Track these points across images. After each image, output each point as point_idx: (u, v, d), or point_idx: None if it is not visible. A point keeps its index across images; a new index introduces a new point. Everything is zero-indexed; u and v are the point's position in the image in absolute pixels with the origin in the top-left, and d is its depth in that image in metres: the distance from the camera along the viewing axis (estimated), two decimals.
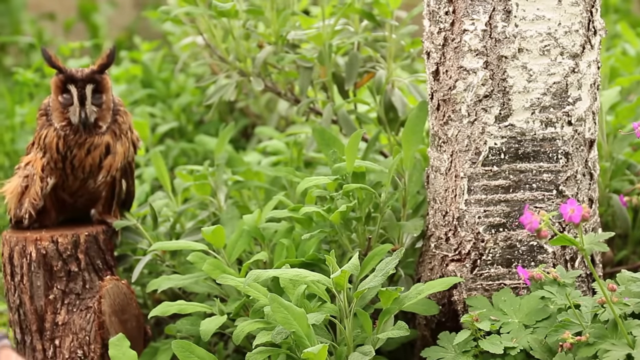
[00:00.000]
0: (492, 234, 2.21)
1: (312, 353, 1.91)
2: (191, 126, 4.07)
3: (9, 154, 4.18)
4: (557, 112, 2.17)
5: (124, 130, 2.52)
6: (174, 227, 2.79)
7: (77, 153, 2.47)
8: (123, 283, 2.47)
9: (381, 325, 2.12)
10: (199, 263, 2.38)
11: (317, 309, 2.13)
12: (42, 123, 2.52)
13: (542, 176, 2.18)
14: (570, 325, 1.94)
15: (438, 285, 2.14)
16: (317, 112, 2.86)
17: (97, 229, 2.53)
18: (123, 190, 2.62)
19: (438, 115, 2.26)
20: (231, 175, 2.88)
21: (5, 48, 6.79)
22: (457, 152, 2.22)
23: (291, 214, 2.40)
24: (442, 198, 2.28)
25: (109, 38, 6.34)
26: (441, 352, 2.12)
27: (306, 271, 2.08)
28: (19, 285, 2.46)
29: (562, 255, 2.22)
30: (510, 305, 2.12)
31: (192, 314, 2.44)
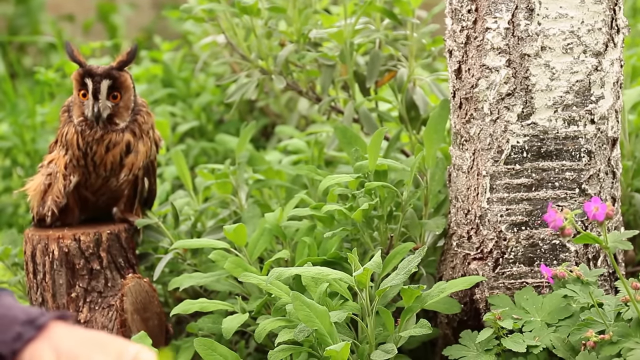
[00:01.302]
0: (514, 232, 2.20)
1: (334, 351, 1.91)
2: (211, 125, 4.07)
3: (29, 154, 4.19)
4: (580, 110, 2.17)
5: (144, 130, 2.53)
6: (195, 225, 2.79)
7: (96, 150, 2.48)
8: (145, 281, 2.47)
9: (403, 324, 2.11)
10: (221, 261, 2.38)
11: (339, 307, 2.13)
12: (64, 120, 2.53)
13: (564, 174, 2.18)
14: (593, 324, 1.94)
15: (460, 284, 2.14)
16: (338, 111, 2.86)
17: (119, 227, 2.53)
18: (145, 188, 2.63)
19: (460, 114, 2.26)
20: (252, 174, 2.88)
21: (25, 48, 6.82)
22: (479, 150, 2.22)
23: (313, 212, 2.40)
24: (464, 196, 2.28)
25: (128, 39, 6.35)
26: (463, 350, 2.12)
27: (328, 269, 2.08)
28: (42, 283, 2.47)
29: (585, 254, 2.21)
30: (533, 303, 2.12)
31: (214, 312, 2.44)
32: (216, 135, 3.72)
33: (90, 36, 6.36)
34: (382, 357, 2.02)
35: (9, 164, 4.26)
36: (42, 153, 3.95)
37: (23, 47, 6.79)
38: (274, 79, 2.81)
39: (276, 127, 3.74)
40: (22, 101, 4.69)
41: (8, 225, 3.91)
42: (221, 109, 4.10)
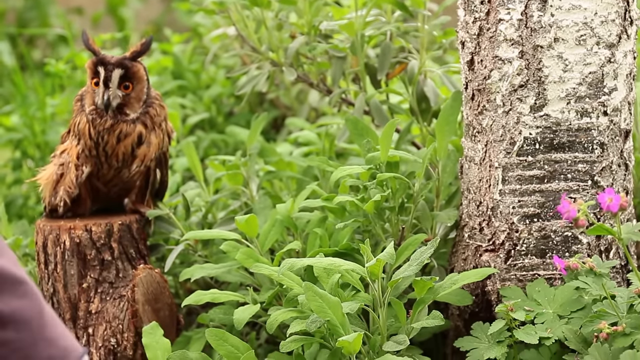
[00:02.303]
0: (526, 224, 2.20)
1: (347, 342, 1.91)
2: (221, 118, 4.07)
3: (39, 146, 4.20)
4: (593, 102, 2.16)
5: (156, 122, 2.53)
6: (205, 217, 2.79)
7: (108, 140, 2.48)
8: (156, 272, 2.48)
9: (415, 315, 2.11)
10: (232, 252, 2.38)
11: (351, 298, 2.13)
12: (77, 109, 2.53)
13: (577, 166, 2.17)
14: (605, 316, 1.94)
15: (473, 276, 2.14)
16: (349, 103, 2.86)
17: (130, 218, 2.53)
18: (157, 180, 2.63)
19: (472, 105, 2.26)
20: (263, 165, 2.88)
21: (34, 42, 6.83)
22: (491, 142, 2.22)
23: (324, 203, 2.40)
24: (476, 188, 2.27)
25: (137, 32, 6.36)
26: (475, 342, 2.12)
27: (340, 260, 2.08)
28: (53, 273, 2.47)
29: (597, 246, 2.21)
30: (545, 295, 2.11)
31: (225, 303, 2.45)
32: (226, 127, 3.72)
33: (99, 29, 6.37)
34: (394, 349, 2.01)
35: (19, 156, 4.27)
36: (52, 145, 3.95)
37: (32, 40, 6.80)
38: (284, 71, 2.81)
39: (286, 120, 3.74)
40: (32, 93, 4.69)
41: (18, 217, 3.91)
42: (231, 101, 4.10)
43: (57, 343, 1.39)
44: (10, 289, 1.36)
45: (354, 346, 1.92)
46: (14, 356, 1.35)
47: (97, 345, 2.43)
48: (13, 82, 4.93)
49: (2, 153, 4.87)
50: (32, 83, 4.83)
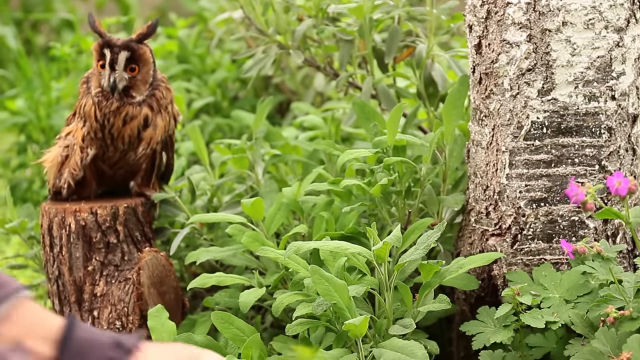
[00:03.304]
0: (533, 208, 2.19)
1: (353, 325, 1.90)
2: (226, 102, 4.07)
3: (44, 130, 4.19)
4: (601, 86, 2.15)
5: (163, 105, 2.52)
6: (211, 200, 2.79)
7: (114, 122, 2.47)
8: (162, 255, 2.47)
9: (421, 299, 2.11)
10: (238, 235, 2.38)
11: (357, 282, 2.12)
12: (83, 91, 2.53)
13: (584, 151, 2.17)
14: (612, 300, 1.93)
15: (479, 260, 2.13)
16: (355, 87, 2.85)
17: (135, 201, 2.53)
18: (163, 163, 2.62)
19: (480, 89, 2.25)
20: (269, 149, 2.88)
21: (38, 27, 6.82)
22: (498, 126, 2.21)
23: (331, 187, 2.40)
24: (483, 172, 2.27)
25: (141, 17, 6.35)
26: (481, 326, 2.11)
27: (347, 243, 2.07)
28: (58, 256, 2.47)
29: (604, 231, 2.20)
30: (551, 280, 2.11)
31: (230, 286, 2.44)
32: (231, 112, 3.71)
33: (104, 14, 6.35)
34: (400, 332, 2.01)
35: (24, 140, 4.27)
36: (57, 129, 3.95)
37: (36, 25, 6.79)
38: (291, 54, 2.80)
39: (292, 104, 3.73)
40: (37, 78, 4.69)
41: (22, 201, 3.92)
42: (236, 86, 4.10)
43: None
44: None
45: (360, 329, 1.91)
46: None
47: (102, 328, 2.43)
48: (18, 66, 4.92)
49: (7, 137, 4.87)
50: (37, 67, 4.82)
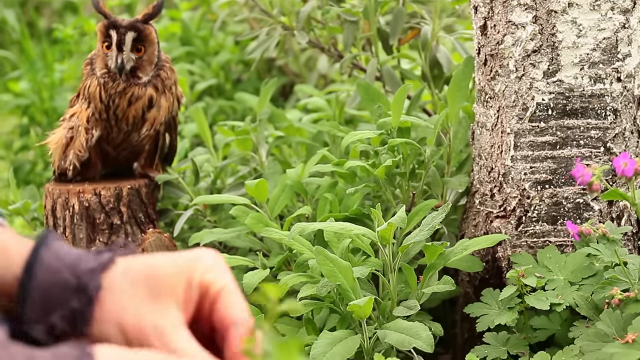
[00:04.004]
0: (537, 190, 2.19)
1: (357, 306, 1.90)
2: (229, 84, 4.06)
3: (47, 112, 4.19)
4: (607, 68, 2.14)
5: (167, 85, 2.52)
6: (214, 182, 2.79)
7: (119, 103, 2.47)
8: (165, 236, 2.47)
9: (426, 281, 2.10)
10: (242, 217, 2.37)
11: (362, 263, 2.12)
12: (87, 73, 2.52)
13: (589, 133, 2.16)
14: (617, 282, 1.92)
15: (484, 242, 2.12)
16: (360, 68, 2.85)
17: (139, 183, 2.53)
18: (166, 144, 2.62)
19: (485, 71, 2.24)
20: (273, 131, 2.87)
21: (40, 10, 6.81)
22: (503, 107, 2.20)
23: (335, 168, 2.39)
24: (487, 154, 2.26)
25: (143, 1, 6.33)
26: (485, 308, 2.11)
27: (351, 224, 2.07)
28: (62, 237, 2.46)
29: (609, 213, 2.19)
30: (556, 262, 2.10)
31: (234, 267, 2.44)
32: (234, 94, 3.71)
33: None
34: (405, 314, 2.01)
35: (26, 122, 4.27)
36: (60, 111, 3.95)
37: (39, 7, 6.78)
38: (296, 35, 2.79)
39: (295, 86, 3.72)
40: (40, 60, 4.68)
41: (25, 183, 3.91)
42: (239, 68, 4.09)
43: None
44: None
45: (364, 310, 1.91)
46: None
47: None
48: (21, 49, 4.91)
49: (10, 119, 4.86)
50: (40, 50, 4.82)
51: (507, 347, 2.03)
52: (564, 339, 2.01)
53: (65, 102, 3.97)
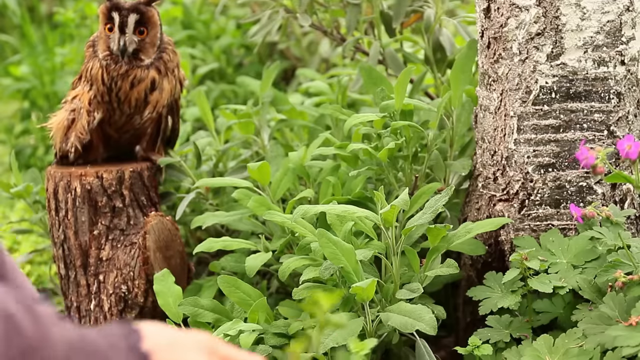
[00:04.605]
0: (541, 174, 2.18)
1: (360, 288, 1.90)
2: (231, 69, 4.05)
3: (48, 96, 4.18)
4: (610, 51, 2.14)
5: (170, 68, 2.51)
6: (216, 165, 2.78)
7: (121, 85, 2.46)
8: (167, 219, 2.47)
9: (429, 264, 2.10)
10: (244, 200, 2.37)
11: (364, 246, 2.11)
12: (89, 55, 2.51)
13: (593, 116, 2.15)
14: (620, 265, 1.92)
15: (488, 225, 2.12)
16: (362, 52, 2.84)
17: (141, 166, 2.52)
18: (168, 127, 2.61)
19: (488, 54, 2.23)
20: (275, 115, 2.86)
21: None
22: (507, 90, 2.19)
23: (338, 151, 2.39)
24: (490, 137, 2.25)
25: None
26: (488, 291, 2.11)
27: (354, 207, 2.06)
28: (64, 220, 2.46)
29: (612, 197, 2.19)
30: (559, 245, 2.10)
31: (236, 251, 2.44)
32: (236, 78, 3.70)
33: None
34: (408, 296, 2.00)
35: (27, 106, 4.26)
36: (61, 95, 3.94)
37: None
38: (298, 18, 2.78)
39: (297, 70, 3.72)
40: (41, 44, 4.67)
41: (26, 167, 3.91)
42: (241, 52, 4.08)
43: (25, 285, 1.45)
44: None
45: (367, 292, 1.91)
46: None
47: (107, 293, 2.43)
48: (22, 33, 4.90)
49: (11, 103, 4.85)
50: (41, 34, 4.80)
51: (509, 330, 2.03)
52: (566, 322, 2.01)
53: (66, 86, 3.97)
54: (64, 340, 1.11)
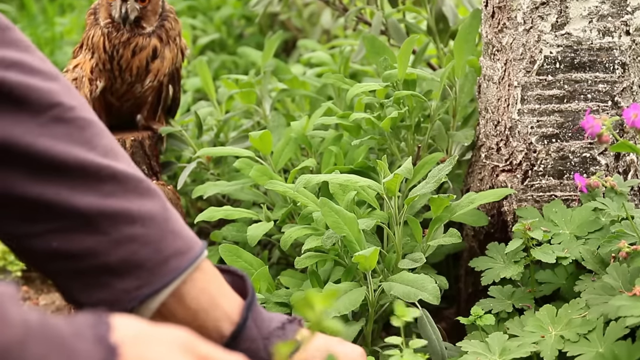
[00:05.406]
0: (544, 144, 2.17)
1: (363, 256, 1.89)
2: (231, 40, 4.03)
3: None
4: (615, 21, 2.12)
5: (171, 36, 2.50)
6: (217, 135, 2.77)
7: (123, 53, 2.45)
8: (169, 188, 2.45)
9: (431, 233, 2.09)
10: (246, 169, 2.36)
11: (367, 216, 2.11)
12: (90, 23, 2.50)
13: (597, 87, 2.14)
14: (624, 236, 1.91)
15: (491, 196, 2.11)
16: (364, 22, 2.82)
17: (142, 135, 2.51)
18: (169, 96, 2.60)
19: (492, 23, 2.22)
20: (276, 85, 2.85)
21: None
22: (511, 60, 2.18)
23: (340, 120, 2.37)
24: (494, 107, 2.24)
25: None
26: (490, 262, 2.10)
27: (357, 176, 2.05)
28: None
29: (615, 168, 2.18)
30: (562, 216, 2.09)
31: (238, 220, 2.43)
32: (236, 49, 3.68)
33: None
34: (410, 266, 2.00)
35: None
36: (61, 65, 3.92)
37: None
38: None
39: (298, 42, 3.70)
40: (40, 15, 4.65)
41: None
42: (242, 23, 4.06)
43: (182, 234, 1.42)
44: (134, 189, 1.39)
45: (370, 262, 1.90)
46: (144, 250, 1.37)
47: None
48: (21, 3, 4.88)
49: None
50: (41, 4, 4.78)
51: (512, 301, 2.03)
52: (569, 293, 2.00)
53: (66, 57, 3.95)
54: (22, 321, 1.05)
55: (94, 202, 1.35)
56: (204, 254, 1.44)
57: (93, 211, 1.35)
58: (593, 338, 1.77)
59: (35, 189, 1.34)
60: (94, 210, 1.35)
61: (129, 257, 1.36)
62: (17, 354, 1.03)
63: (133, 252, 1.37)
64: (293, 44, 3.98)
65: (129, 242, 1.37)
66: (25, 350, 1.04)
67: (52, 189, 1.34)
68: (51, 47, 4.20)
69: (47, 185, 1.34)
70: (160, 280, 1.37)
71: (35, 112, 1.35)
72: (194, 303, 1.42)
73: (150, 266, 1.37)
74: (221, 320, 1.43)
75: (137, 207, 1.38)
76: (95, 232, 1.35)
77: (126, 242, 1.36)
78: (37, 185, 1.34)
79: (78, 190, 1.35)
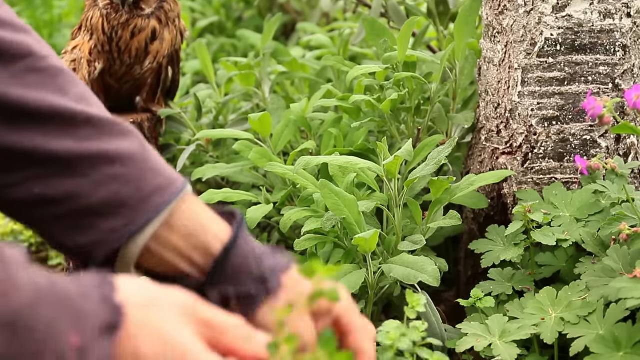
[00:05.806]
0: (545, 127, 2.17)
1: (363, 239, 1.88)
2: (230, 23, 4.02)
3: None
4: (616, 3, 2.11)
5: (171, 18, 2.49)
6: (217, 118, 2.77)
7: (122, 35, 2.44)
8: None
9: (431, 216, 2.09)
10: (245, 152, 2.35)
11: (367, 198, 2.10)
12: (89, 4, 2.49)
13: (598, 69, 2.13)
14: (625, 218, 1.91)
15: (491, 178, 2.11)
16: (364, 4, 2.81)
17: (142, 117, 2.50)
18: (169, 78, 2.59)
19: (493, 5, 2.21)
20: (276, 67, 2.84)
21: None
22: (511, 42, 2.17)
23: (340, 103, 2.37)
24: (494, 90, 2.24)
25: None
26: (490, 244, 2.10)
27: (357, 158, 2.05)
28: None
29: (616, 150, 2.18)
30: (562, 199, 2.09)
31: (237, 203, 2.42)
32: (235, 32, 3.67)
33: None
34: (410, 248, 1.99)
35: None
36: (59, 48, 3.91)
37: None
38: None
39: (297, 25, 3.69)
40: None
41: None
42: (241, 6, 4.05)
43: (162, 172, 1.42)
44: (110, 132, 1.39)
45: (369, 244, 1.90)
46: (125, 189, 1.37)
47: None
48: None
49: None
50: None
51: (512, 283, 2.03)
52: (569, 276, 2.00)
53: (64, 39, 3.94)
54: (31, 284, 1.07)
55: (71, 146, 1.36)
56: (187, 188, 1.44)
57: (70, 155, 1.36)
58: (593, 320, 1.76)
59: (10, 137, 1.34)
60: (72, 154, 1.36)
61: (110, 196, 1.36)
62: (28, 317, 1.05)
63: (114, 191, 1.37)
64: (292, 27, 3.97)
65: (109, 182, 1.37)
66: (36, 313, 1.06)
67: (27, 137, 1.34)
68: (50, 29, 4.19)
69: (22, 133, 1.34)
70: (144, 217, 1.37)
71: (7, 62, 1.36)
72: (183, 229, 1.42)
73: (133, 203, 1.37)
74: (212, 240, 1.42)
75: (115, 147, 1.38)
76: (74, 174, 1.36)
77: (107, 182, 1.37)
78: (12, 133, 1.34)
79: (53, 135, 1.36)
